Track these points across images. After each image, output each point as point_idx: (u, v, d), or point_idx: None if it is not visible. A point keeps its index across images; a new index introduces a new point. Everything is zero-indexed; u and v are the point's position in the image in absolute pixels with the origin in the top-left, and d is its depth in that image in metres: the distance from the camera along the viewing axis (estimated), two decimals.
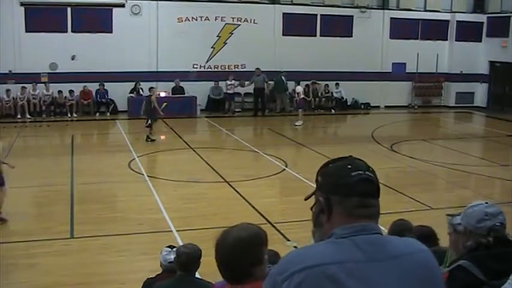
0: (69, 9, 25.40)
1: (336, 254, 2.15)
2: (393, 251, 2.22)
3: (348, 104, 29.22)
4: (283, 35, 28.05)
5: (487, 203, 3.57)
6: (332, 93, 28.91)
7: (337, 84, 28.62)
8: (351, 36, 29.16)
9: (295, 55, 27.33)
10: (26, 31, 24.85)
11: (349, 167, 2.26)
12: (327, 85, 28.77)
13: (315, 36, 28.61)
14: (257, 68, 26.32)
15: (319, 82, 28.68)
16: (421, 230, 5.65)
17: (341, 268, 2.11)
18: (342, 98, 28.86)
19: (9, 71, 24.88)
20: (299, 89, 24.53)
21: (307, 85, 28.34)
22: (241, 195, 13.06)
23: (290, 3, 28.54)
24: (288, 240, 9.93)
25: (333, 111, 28.46)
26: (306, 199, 2.43)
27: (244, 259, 2.98)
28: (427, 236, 5.41)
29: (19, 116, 24.51)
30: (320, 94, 28.87)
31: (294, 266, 2.15)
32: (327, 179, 2.30)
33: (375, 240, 2.22)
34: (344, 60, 28.15)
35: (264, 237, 3.11)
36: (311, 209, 2.36)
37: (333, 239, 2.21)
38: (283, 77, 26.76)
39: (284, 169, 15.77)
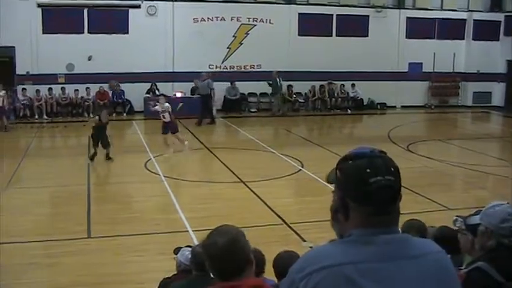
0: (85, 10, 25.59)
1: (353, 254, 2.15)
2: (411, 251, 2.21)
3: (364, 104, 29.16)
4: (299, 35, 28.04)
5: (508, 203, 3.55)
6: (348, 93, 28.86)
7: (353, 84, 28.57)
8: (367, 36, 29.08)
9: (311, 55, 27.31)
10: (43, 32, 25.06)
11: (368, 171, 2.18)
12: (343, 85, 28.73)
13: (331, 36, 28.59)
14: (206, 73, 25.30)
15: (335, 82, 28.64)
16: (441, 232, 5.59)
17: (357, 268, 2.11)
18: (358, 97, 28.81)
19: (27, 72, 25.09)
20: (166, 106, 17.35)
21: (322, 85, 28.36)
22: (257, 196, 13.04)
23: (306, 3, 28.51)
24: (304, 240, 9.91)
25: (349, 111, 28.43)
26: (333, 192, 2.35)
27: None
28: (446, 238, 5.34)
29: (36, 117, 24.73)
30: (336, 94, 28.82)
31: (312, 265, 2.15)
32: (345, 178, 2.24)
33: (393, 240, 2.21)
34: (360, 60, 28.09)
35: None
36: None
37: (352, 238, 2.20)
38: (278, 78, 26.69)
39: (300, 169, 15.74)
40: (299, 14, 28.06)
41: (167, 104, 17.36)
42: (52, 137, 22.93)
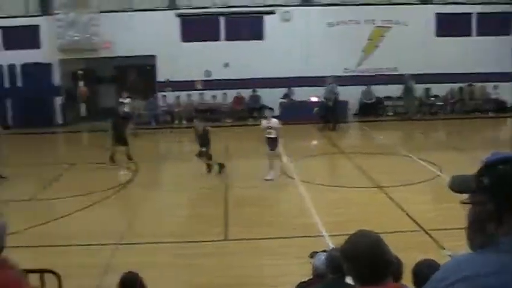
0: (222, 18, 26.27)
1: (500, 264, 2.04)
2: None
3: (508, 106, 27.79)
4: (436, 36, 27.24)
5: None
6: (489, 95, 27.70)
7: (495, 86, 27.32)
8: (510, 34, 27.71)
9: (449, 56, 26.42)
10: (182, 40, 25.99)
11: None
12: (483, 87, 27.60)
13: (470, 36, 27.51)
14: (329, 76, 24.91)
15: (475, 84, 27.57)
16: None
17: (500, 279, 2.00)
18: (501, 100, 27.52)
19: (167, 79, 26.13)
20: (274, 122, 15.46)
21: (461, 87, 27.43)
22: (393, 201, 12.82)
23: (443, 2, 27.60)
24: (443, 248, 9.61)
25: (490, 114, 27.24)
26: (464, 203, 2.23)
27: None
28: None
29: (176, 122, 25.73)
30: (476, 96, 27.74)
31: (455, 275, 2.06)
32: (500, 184, 2.10)
33: None
34: (503, 60, 26.76)
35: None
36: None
37: (502, 248, 2.09)
38: (411, 82, 26.07)
39: (438, 174, 15.29)
40: (436, 14, 27.26)
41: (274, 120, 15.60)
42: (191, 142, 23.62)
